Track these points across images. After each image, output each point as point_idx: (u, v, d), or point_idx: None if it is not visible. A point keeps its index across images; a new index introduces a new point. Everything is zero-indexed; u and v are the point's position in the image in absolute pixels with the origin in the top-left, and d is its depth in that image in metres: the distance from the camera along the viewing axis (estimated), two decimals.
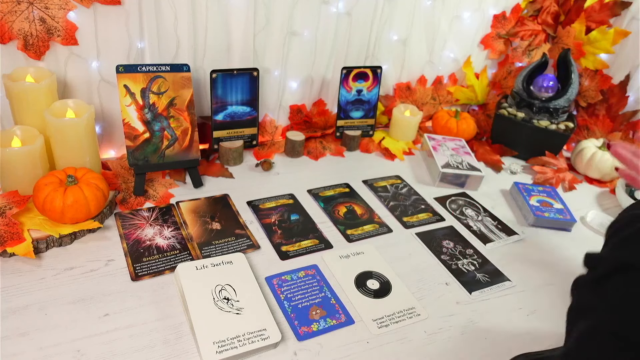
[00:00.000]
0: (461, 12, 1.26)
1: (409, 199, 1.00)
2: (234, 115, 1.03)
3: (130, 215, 0.83)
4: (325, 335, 0.66)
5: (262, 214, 0.89)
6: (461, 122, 1.24)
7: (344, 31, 1.13)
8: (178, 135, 0.90)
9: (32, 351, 0.58)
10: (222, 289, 0.68)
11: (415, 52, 1.26)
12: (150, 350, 0.60)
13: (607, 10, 1.24)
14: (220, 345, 0.60)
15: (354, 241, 0.86)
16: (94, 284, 0.69)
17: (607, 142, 1.17)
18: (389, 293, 0.74)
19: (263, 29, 1.01)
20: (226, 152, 1.02)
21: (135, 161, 0.87)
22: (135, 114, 0.86)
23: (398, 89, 1.30)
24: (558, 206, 1.01)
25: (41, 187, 0.73)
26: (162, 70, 0.86)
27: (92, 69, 0.89)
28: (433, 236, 0.90)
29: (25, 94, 0.80)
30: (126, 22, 0.87)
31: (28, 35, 0.81)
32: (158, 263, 0.74)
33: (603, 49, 1.25)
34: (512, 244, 0.91)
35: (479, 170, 1.06)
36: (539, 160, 1.19)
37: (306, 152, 1.13)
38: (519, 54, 1.34)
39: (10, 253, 0.70)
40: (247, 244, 0.81)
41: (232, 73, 0.98)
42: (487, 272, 0.82)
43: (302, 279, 0.75)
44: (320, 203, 0.95)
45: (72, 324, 0.62)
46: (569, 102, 1.19)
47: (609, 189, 1.15)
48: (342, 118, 1.17)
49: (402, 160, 1.16)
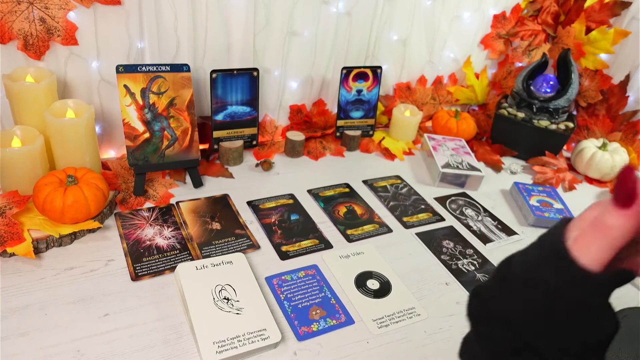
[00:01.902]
0: (461, 12, 1.26)
1: (409, 199, 1.00)
2: (234, 115, 1.03)
3: (130, 215, 0.83)
4: (325, 335, 0.66)
5: (262, 214, 0.89)
6: (461, 122, 1.24)
7: (344, 31, 1.13)
8: (178, 135, 0.90)
9: (32, 351, 0.58)
10: (222, 289, 0.68)
11: (415, 52, 1.26)
12: (150, 350, 0.60)
13: (607, 10, 1.24)
14: (220, 345, 0.60)
15: (354, 241, 0.86)
16: (94, 284, 0.69)
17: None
18: (389, 293, 0.74)
19: (263, 29, 1.01)
20: (226, 152, 1.02)
21: (135, 161, 0.87)
22: (135, 114, 0.86)
23: (398, 89, 1.30)
24: (558, 206, 1.01)
25: (41, 187, 0.73)
26: (162, 70, 0.86)
27: (92, 69, 0.89)
28: (433, 236, 0.90)
29: (25, 94, 0.79)
30: (126, 22, 0.87)
31: (28, 35, 0.81)
32: (158, 263, 0.74)
33: (603, 49, 1.25)
34: (512, 244, 0.91)
35: (479, 170, 1.06)
36: (539, 160, 1.19)
37: (306, 152, 1.13)
38: (519, 54, 1.34)
39: (10, 253, 0.70)
40: (247, 244, 0.81)
41: (232, 73, 0.98)
42: (487, 272, 0.82)
43: (302, 279, 0.75)
44: (320, 203, 0.95)
45: (72, 324, 0.62)
46: (569, 102, 1.19)
47: (609, 189, 1.15)
48: (342, 118, 1.17)
49: (402, 160, 1.16)
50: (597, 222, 0.31)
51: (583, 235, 0.32)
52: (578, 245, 0.32)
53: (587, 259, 0.31)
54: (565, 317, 0.33)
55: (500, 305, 0.37)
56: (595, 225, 0.31)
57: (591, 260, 0.31)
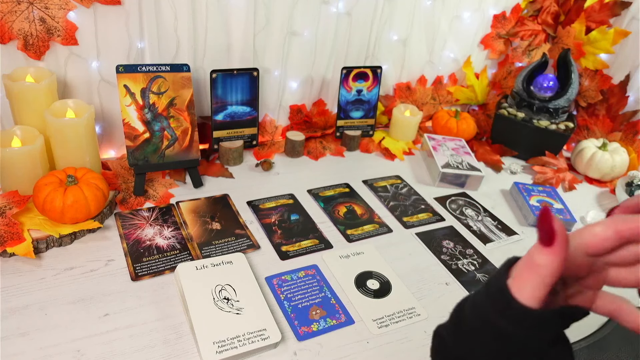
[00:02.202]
0: (461, 12, 1.26)
1: (409, 199, 1.00)
2: (234, 115, 1.03)
3: (130, 215, 0.83)
4: (325, 335, 0.66)
5: (262, 214, 0.89)
6: (461, 122, 1.24)
7: (344, 31, 1.13)
8: (178, 135, 0.90)
9: (32, 351, 0.58)
10: (222, 289, 0.68)
11: (415, 52, 1.26)
12: (150, 350, 0.60)
13: (607, 10, 1.24)
14: (220, 345, 0.60)
15: (354, 241, 0.86)
16: (94, 284, 0.69)
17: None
18: (389, 293, 0.74)
19: (263, 29, 1.01)
20: (226, 152, 1.02)
21: (135, 161, 0.87)
22: (135, 114, 0.86)
23: (398, 89, 1.30)
24: (558, 206, 1.01)
25: (41, 187, 0.73)
26: (162, 70, 0.86)
27: (92, 69, 0.89)
28: (433, 236, 0.90)
29: (25, 94, 0.79)
30: (126, 22, 0.87)
31: (28, 35, 0.81)
32: (158, 263, 0.74)
33: (603, 49, 1.25)
34: (512, 244, 0.91)
35: (479, 170, 1.06)
36: (539, 160, 1.19)
37: (306, 152, 1.13)
38: (519, 54, 1.34)
39: (10, 253, 0.70)
40: (247, 244, 0.81)
41: (232, 73, 0.98)
42: (487, 272, 0.82)
43: (302, 279, 0.75)
44: (320, 203, 0.95)
45: (72, 324, 0.62)
46: (569, 102, 1.19)
47: (609, 189, 1.15)
48: (342, 118, 1.17)
49: (402, 160, 1.16)
50: (528, 261, 0.33)
51: (519, 273, 0.34)
52: (516, 283, 0.33)
53: (523, 296, 0.33)
54: (519, 357, 0.34)
55: (456, 348, 0.38)
56: (526, 264, 0.33)
57: (527, 297, 0.33)
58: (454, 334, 0.39)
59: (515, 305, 0.33)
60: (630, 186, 1.06)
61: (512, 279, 0.34)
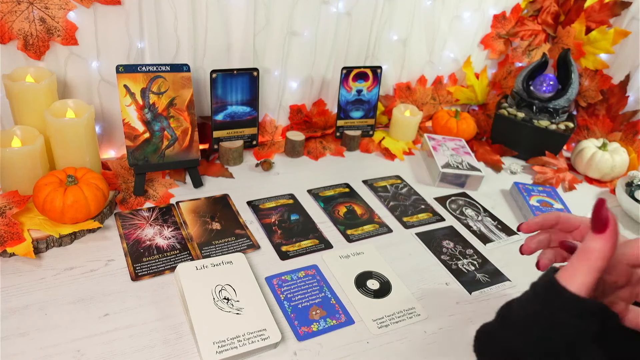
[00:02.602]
0: (461, 12, 1.26)
1: (409, 199, 1.00)
2: (234, 115, 1.03)
3: (130, 215, 0.83)
4: (325, 335, 0.66)
5: (262, 214, 0.89)
6: (461, 122, 1.24)
7: (344, 31, 1.13)
8: (178, 135, 0.90)
9: (32, 351, 0.58)
10: (222, 289, 0.68)
11: (415, 52, 1.26)
12: (150, 350, 0.60)
13: (607, 10, 1.24)
14: (220, 345, 0.60)
15: (354, 241, 0.86)
16: (94, 284, 0.69)
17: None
18: (389, 293, 0.74)
19: (263, 29, 1.02)
20: (226, 152, 1.02)
21: (135, 161, 0.87)
22: (135, 114, 0.86)
23: (398, 89, 1.30)
24: (558, 206, 1.01)
25: (41, 187, 0.73)
26: (162, 70, 0.86)
27: (92, 69, 0.89)
28: (433, 236, 0.90)
29: (25, 94, 0.80)
30: (126, 22, 0.87)
31: (28, 35, 0.81)
32: (158, 263, 0.74)
33: (603, 49, 1.25)
34: (512, 244, 0.91)
35: (479, 170, 1.06)
36: (539, 160, 1.19)
37: (306, 152, 1.13)
38: (519, 54, 1.34)
39: (10, 253, 0.70)
40: (247, 244, 0.81)
41: (232, 73, 0.98)
42: (487, 272, 0.82)
43: (302, 279, 0.75)
44: (320, 203, 0.95)
45: (72, 324, 0.62)
46: (569, 102, 1.19)
47: (609, 189, 1.15)
48: (342, 118, 1.17)
49: (402, 160, 1.16)
50: (582, 249, 0.37)
51: (570, 263, 0.37)
52: (566, 273, 0.37)
53: (574, 285, 0.36)
54: (564, 346, 0.36)
55: (504, 340, 0.41)
56: (580, 252, 0.37)
57: (578, 285, 0.36)
58: (502, 327, 0.41)
59: (565, 294, 0.36)
60: (630, 186, 1.06)
61: (561, 272, 0.37)
